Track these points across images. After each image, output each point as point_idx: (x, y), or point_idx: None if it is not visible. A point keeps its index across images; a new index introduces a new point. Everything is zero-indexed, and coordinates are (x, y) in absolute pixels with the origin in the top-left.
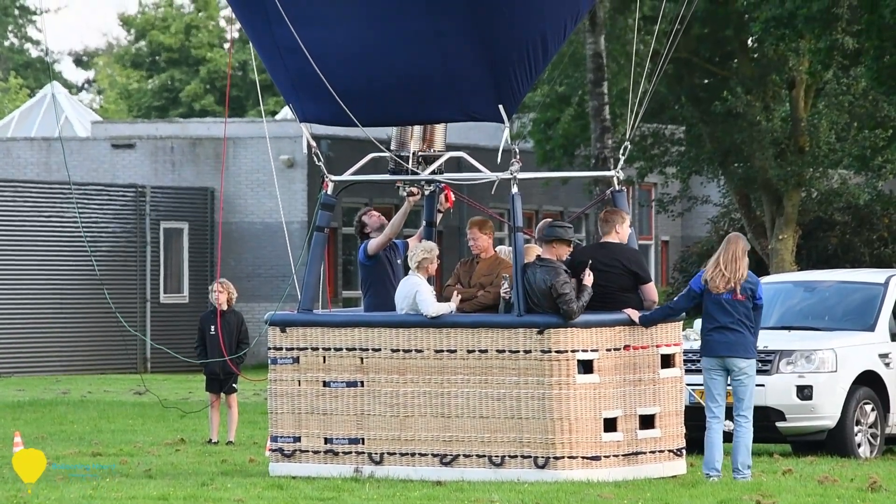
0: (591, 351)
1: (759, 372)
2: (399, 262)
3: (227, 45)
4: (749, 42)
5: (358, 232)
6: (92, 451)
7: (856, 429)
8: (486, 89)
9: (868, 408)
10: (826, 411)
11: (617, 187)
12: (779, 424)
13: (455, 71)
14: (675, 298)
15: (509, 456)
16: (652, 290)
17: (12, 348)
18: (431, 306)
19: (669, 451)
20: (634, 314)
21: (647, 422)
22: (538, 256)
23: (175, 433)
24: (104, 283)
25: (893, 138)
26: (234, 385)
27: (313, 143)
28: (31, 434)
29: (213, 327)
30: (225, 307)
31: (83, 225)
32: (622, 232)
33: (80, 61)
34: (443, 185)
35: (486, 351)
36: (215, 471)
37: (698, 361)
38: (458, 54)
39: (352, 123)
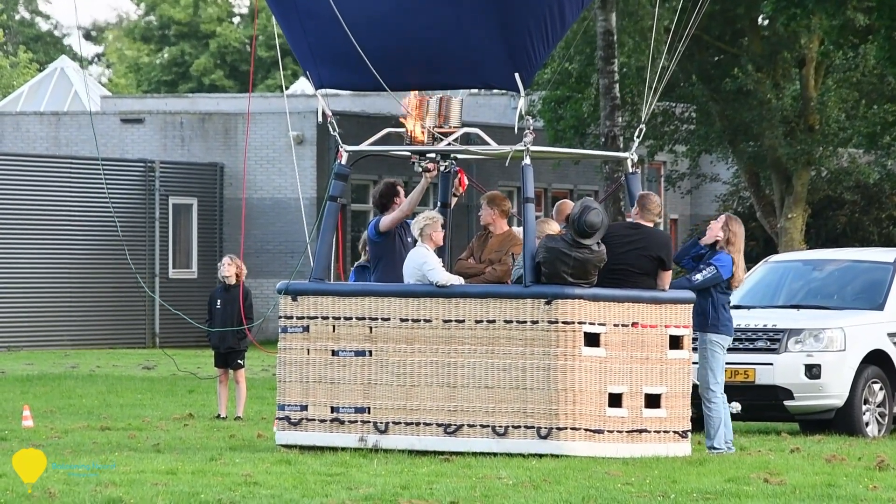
0: (599, 325)
1: (768, 350)
2: (410, 240)
3: (236, 20)
4: (760, 20)
5: (377, 202)
6: (100, 425)
7: (864, 408)
8: (502, 57)
9: (876, 387)
10: (834, 390)
11: (630, 169)
12: (787, 403)
13: (472, 38)
14: (701, 278)
15: (513, 426)
16: (667, 280)
17: (22, 322)
18: (441, 275)
19: (675, 432)
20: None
21: (652, 401)
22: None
23: (183, 408)
24: (124, 243)
25: None
26: (240, 361)
27: (329, 113)
28: (40, 408)
29: (219, 301)
30: (233, 281)
31: (92, 199)
32: (655, 221)
33: (90, 35)
34: (456, 168)
35: (493, 321)
36: (223, 446)
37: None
38: (475, 21)
39: (370, 89)
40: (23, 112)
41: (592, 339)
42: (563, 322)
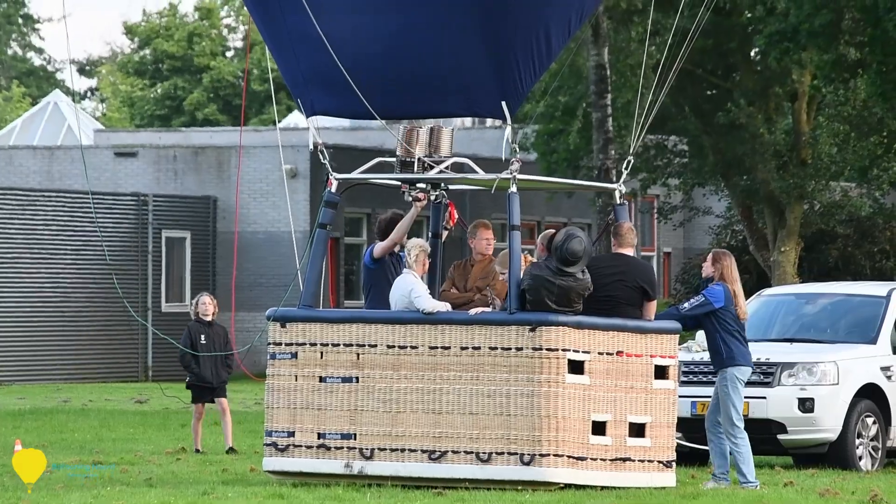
0: (583, 352)
1: (761, 384)
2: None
3: (229, 54)
4: (752, 54)
5: (380, 230)
6: (93, 459)
7: (857, 442)
8: (489, 85)
9: (869, 421)
10: (827, 424)
11: (619, 201)
12: (780, 437)
13: (460, 65)
14: (688, 306)
15: (496, 453)
16: (652, 310)
17: (13, 356)
18: (428, 302)
19: (659, 461)
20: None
21: (637, 430)
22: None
23: (176, 442)
24: (113, 271)
25: (890, 144)
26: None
27: (319, 140)
28: (32, 442)
29: (203, 336)
30: (210, 318)
31: (85, 233)
32: (634, 247)
33: (84, 70)
34: (447, 201)
35: (479, 348)
36: (216, 480)
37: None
38: (463, 47)
39: (362, 116)
40: (16, 146)
41: (576, 367)
42: (548, 349)
